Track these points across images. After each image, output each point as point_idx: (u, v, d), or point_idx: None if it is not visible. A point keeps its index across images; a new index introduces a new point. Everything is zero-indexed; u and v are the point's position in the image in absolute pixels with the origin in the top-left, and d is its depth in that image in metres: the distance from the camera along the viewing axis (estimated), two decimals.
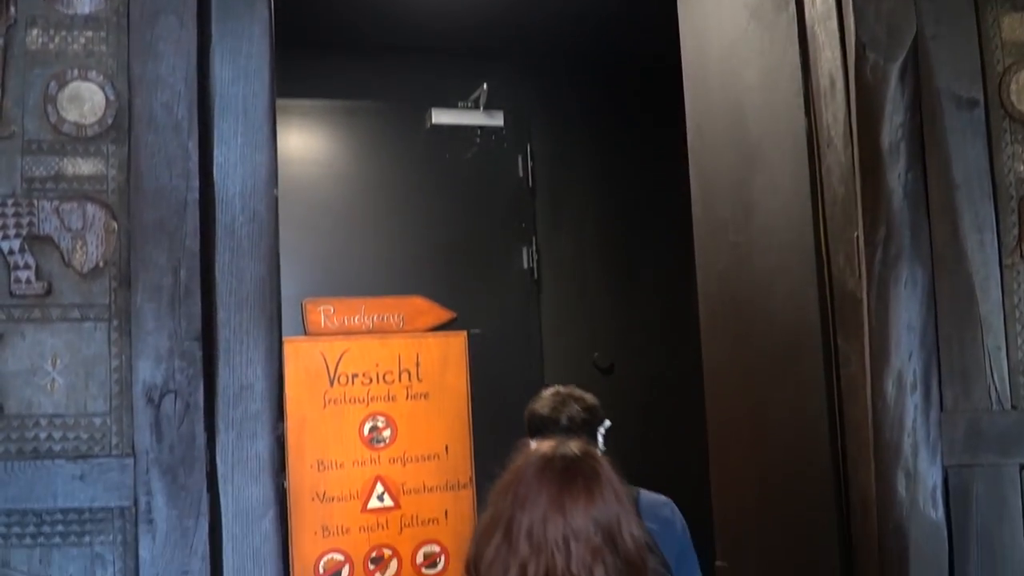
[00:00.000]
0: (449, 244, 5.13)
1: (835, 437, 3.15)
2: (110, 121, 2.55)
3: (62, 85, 2.53)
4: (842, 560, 3.13)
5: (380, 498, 4.87)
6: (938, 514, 2.79)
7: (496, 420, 4.82)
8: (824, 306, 3.19)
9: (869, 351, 2.89)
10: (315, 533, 4.77)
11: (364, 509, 4.85)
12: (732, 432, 3.73)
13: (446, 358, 5.02)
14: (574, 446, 2.25)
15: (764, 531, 3.58)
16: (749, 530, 3.65)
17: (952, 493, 2.80)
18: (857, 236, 2.96)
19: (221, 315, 2.54)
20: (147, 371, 2.49)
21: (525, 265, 5.21)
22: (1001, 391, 2.83)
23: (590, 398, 3.75)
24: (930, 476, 2.80)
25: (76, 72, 2.54)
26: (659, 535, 3.39)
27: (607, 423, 3.73)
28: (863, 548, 3.01)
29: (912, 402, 2.81)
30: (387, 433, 4.91)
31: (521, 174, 5.28)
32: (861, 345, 2.93)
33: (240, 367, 2.54)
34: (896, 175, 2.89)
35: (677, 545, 3.47)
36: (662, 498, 3.62)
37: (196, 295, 2.53)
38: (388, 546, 4.85)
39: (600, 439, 3.72)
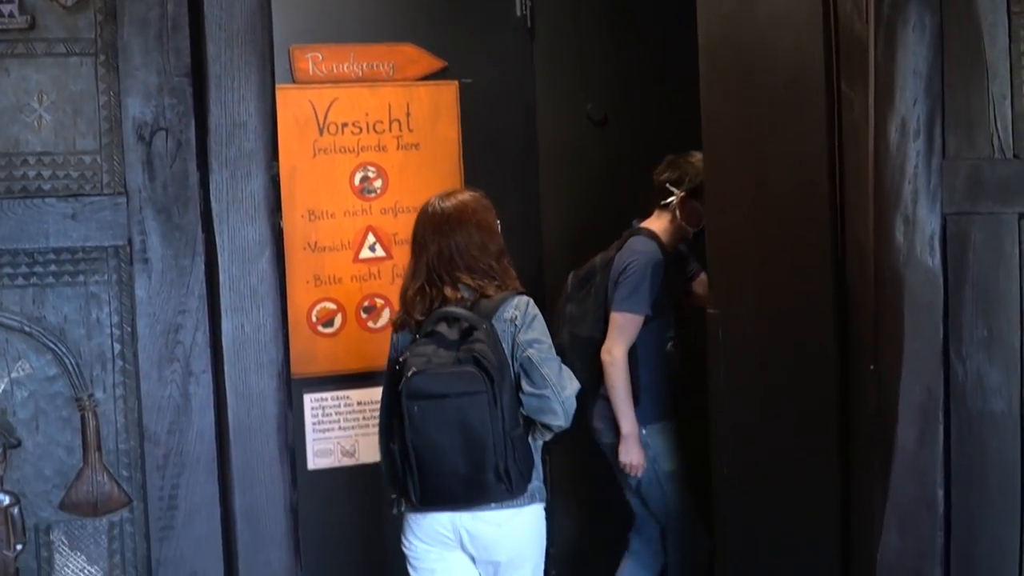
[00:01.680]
0: None
1: (834, 184, 3.14)
2: None
3: None
4: (836, 306, 3.17)
5: (372, 248, 4.86)
6: (935, 261, 2.80)
7: (488, 170, 4.78)
8: (829, 50, 3.13)
9: (873, 96, 2.84)
10: (307, 282, 4.78)
11: (356, 259, 4.84)
12: (730, 181, 3.71)
13: (437, 108, 4.93)
14: (454, 195, 3.54)
15: (759, 279, 3.60)
16: (744, 278, 3.66)
17: (950, 241, 2.80)
18: None
19: (211, 50, 2.47)
20: (136, 108, 2.44)
21: (518, 12, 5.04)
22: (1004, 139, 2.80)
23: (682, 170, 4.31)
24: (929, 223, 2.79)
25: None
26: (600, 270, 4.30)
27: (676, 195, 4.27)
28: (858, 294, 3.04)
29: (914, 148, 2.79)
30: (378, 183, 4.86)
31: None
32: (865, 90, 2.88)
33: (232, 104, 2.48)
34: None
35: (608, 284, 4.23)
36: (631, 249, 4.21)
37: (184, 29, 2.45)
38: (380, 295, 4.87)
39: (673, 202, 4.28)
